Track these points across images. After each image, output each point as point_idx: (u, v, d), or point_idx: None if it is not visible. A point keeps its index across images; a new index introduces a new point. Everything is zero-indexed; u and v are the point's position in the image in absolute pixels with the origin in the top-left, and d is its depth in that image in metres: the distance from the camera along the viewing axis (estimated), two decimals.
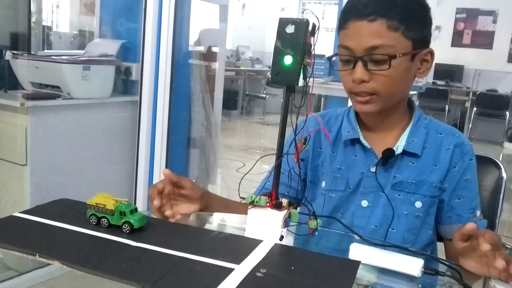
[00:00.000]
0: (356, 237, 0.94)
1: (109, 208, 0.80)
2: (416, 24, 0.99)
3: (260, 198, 0.80)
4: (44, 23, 3.94)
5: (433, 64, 1.09)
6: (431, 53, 1.05)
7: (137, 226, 0.79)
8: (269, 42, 9.50)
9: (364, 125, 1.12)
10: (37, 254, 0.68)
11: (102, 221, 0.80)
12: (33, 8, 2.87)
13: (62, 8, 5.06)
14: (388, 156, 1.05)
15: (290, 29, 0.76)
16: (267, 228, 0.79)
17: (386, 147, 1.06)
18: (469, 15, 8.19)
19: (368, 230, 1.06)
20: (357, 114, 1.13)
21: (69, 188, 2.39)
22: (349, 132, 1.11)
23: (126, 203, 0.81)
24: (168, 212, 0.93)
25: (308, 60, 0.78)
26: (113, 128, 2.63)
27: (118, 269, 0.66)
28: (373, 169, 1.07)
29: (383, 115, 1.08)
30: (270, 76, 0.81)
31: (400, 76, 1.00)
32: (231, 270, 0.67)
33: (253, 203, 0.80)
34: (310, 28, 0.77)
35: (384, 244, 0.91)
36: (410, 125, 1.09)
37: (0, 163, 2.36)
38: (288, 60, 0.76)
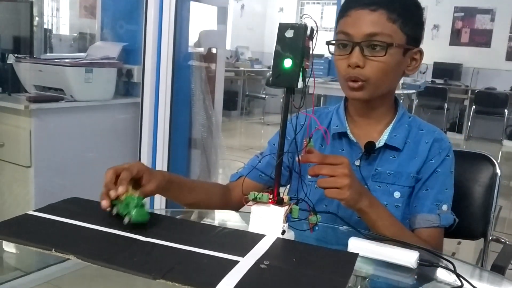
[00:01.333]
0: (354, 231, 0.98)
1: (122, 197, 0.83)
2: (412, 21, 1.07)
3: (262, 195, 0.83)
4: (45, 26, 3.97)
5: (421, 63, 1.14)
6: (421, 53, 1.11)
7: (135, 220, 0.80)
8: (268, 43, 9.52)
9: (351, 120, 1.17)
10: (53, 249, 0.72)
11: (114, 208, 0.84)
12: (34, 11, 2.90)
13: (62, 11, 5.10)
14: (370, 149, 1.10)
15: (289, 33, 0.80)
16: (269, 223, 0.83)
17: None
18: (467, 14, 8.23)
19: (352, 221, 1.09)
20: (345, 110, 1.19)
21: (73, 189, 2.40)
22: (337, 126, 1.16)
23: (135, 197, 0.83)
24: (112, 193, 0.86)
25: (306, 63, 0.81)
26: (116, 130, 2.66)
27: (130, 262, 0.69)
28: (357, 163, 1.12)
29: (370, 106, 1.13)
30: (270, 78, 0.84)
31: (392, 67, 1.06)
32: (236, 262, 0.71)
33: (255, 200, 0.83)
34: (308, 32, 0.81)
35: (381, 238, 0.94)
36: (393, 121, 1.14)
37: (4, 165, 2.39)
38: (288, 63, 0.80)
